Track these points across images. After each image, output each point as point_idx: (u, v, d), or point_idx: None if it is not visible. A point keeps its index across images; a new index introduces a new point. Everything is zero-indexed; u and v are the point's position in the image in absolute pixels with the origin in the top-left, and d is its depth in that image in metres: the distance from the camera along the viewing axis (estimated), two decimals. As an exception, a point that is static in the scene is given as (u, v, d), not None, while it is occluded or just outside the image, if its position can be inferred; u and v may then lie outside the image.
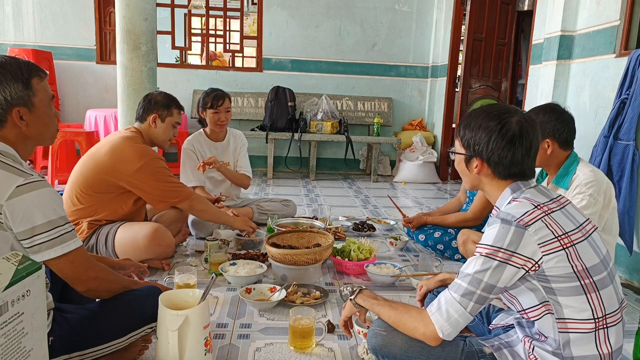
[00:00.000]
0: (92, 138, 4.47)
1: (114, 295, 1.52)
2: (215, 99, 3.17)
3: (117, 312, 1.49)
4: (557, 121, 2.02)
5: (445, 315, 1.25)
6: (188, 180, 3.18)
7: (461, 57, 5.83)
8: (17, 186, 1.23)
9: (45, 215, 1.27)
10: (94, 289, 1.46)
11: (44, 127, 1.39)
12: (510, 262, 1.21)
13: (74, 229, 1.37)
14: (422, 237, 3.00)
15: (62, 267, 1.35)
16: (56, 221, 1.30)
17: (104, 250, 2.40)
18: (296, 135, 5.64)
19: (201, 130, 3.34)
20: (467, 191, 3.20)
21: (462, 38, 5.83)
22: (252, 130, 5.82)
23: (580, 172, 2.03)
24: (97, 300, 1.58)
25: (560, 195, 1.36)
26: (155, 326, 1.50)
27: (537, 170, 2.40)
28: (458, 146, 1.41)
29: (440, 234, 2.92)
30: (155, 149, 2.66)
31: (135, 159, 2.38)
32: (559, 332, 1.23)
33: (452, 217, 2.98)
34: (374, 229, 3.42)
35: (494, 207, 1.39)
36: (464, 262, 1.40)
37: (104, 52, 5.99)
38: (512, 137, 1.29)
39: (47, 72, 1.51)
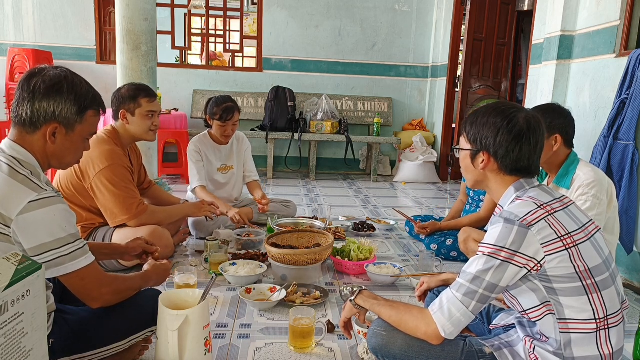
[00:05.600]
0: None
1: None
2: (225, 112, 3.10)
3: (118, 315, 1.47)
4: (565, 119, 2.05)
5: (447, 314, 1.25)
6: (193, 180, 3.18)
7: (461, 57, 5.82)
8: (29, 202, 1.22)
9: (53, 234, 1.25)
10: (109, 304, 1.43)
11: (66, 153, 1.40)
12: (512, 262, 1.21)
13: (85, 245, 1.35)
14: (434, 246, 2.93)
15: (72, 283, 1.34)
16: (65, 239, 1.28)
17: None
18: (296, 135, 5.64)
19: (206, 132, 3.32)
20: (469, 190, 3.19)
21: (462, 38, 5.83)
22: (252, 130, 5.81)
23: (581, 172, 2.03)
24: None
25: (563, 195, 1.35)
26: (156, 329, 1.50)
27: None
28: (463, 142, 1.41)
29: (452, 241, 2.89)
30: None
31: (98, 161, 2.31)
32: (560, 332, 1.23)
33: (465, 219, 2.95)
34: (374, 229, 3.43)
35: (497, 206, 1.39)
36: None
37: (104, 52, 5.99)
38: (520, 132, 1.29)
39: (106, 111, 1.48)
